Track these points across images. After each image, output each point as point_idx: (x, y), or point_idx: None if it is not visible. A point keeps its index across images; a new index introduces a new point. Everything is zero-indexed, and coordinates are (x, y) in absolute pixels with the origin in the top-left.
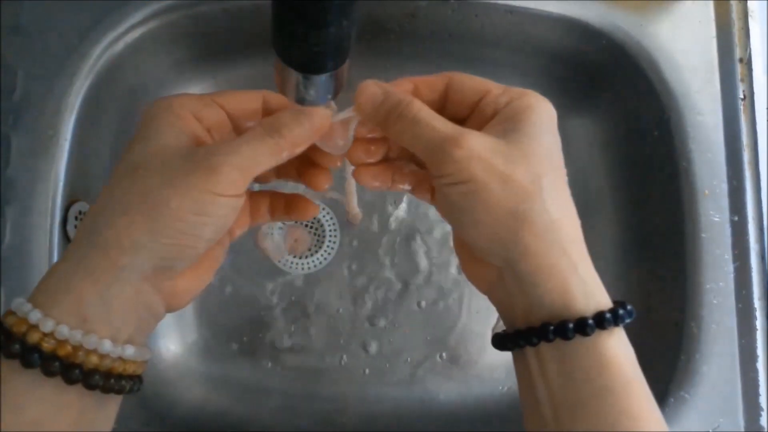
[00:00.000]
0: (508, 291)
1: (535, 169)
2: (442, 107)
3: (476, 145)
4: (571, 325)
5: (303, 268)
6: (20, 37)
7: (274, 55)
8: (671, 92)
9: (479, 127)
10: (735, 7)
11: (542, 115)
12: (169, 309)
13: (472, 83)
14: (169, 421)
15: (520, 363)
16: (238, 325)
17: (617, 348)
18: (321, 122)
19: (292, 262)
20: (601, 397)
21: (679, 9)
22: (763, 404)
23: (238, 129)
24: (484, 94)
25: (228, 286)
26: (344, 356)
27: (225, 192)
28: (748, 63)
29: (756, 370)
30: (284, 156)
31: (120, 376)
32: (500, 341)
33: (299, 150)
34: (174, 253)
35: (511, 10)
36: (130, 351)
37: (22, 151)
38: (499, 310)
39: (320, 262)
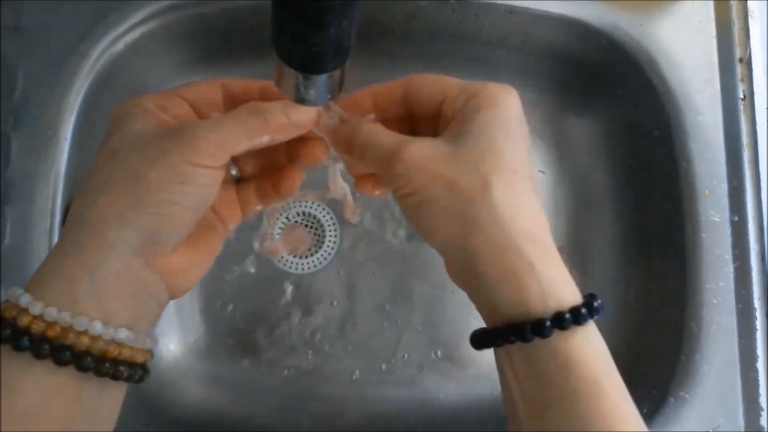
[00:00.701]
0: (473, 291)
1: (483, 170)
2: (408, 114)
3: (418, 154)
4: (528, 327)
5: (303, 268)
6: (20, 37)
7: (274, 54)
8: (671, 92)
9: (440, 127)
10: (735, 7)
11: (497, 112)
12: (172, 293)
13: (429, 87)
14: (169, 421)
15: (497, 362)
16: (239, 325)
17: (583, 347)
18: (305, 121)
19: (292, 262)
20: (568, 400)
21: (679, 9)
22: (763, 404)
23: (202, 117)
24: (444, 97)
25: (228, 286)
26: (344, 356)
27: (202, 162)
28: (748, 63)
29: (756, 370)
30: (263, 140)
31: (116, 361)
32: (474, 340)
33: (279, 139)
34: (160, 224)
35: (511, 10)
36: (123, 334)
37: (22, 151)
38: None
39: (320, 262)
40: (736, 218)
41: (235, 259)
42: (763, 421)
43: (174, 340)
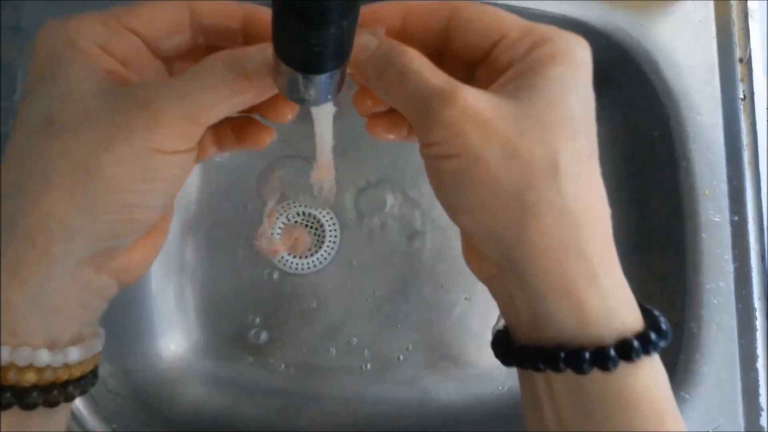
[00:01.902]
0: (510, 294)
1: (552, 142)
2: (442, 51)
3: (475, 104)
4: (587, 355)
5: (303, 268)
6: (20, 37)
7: (273, 54)
8: (671, 92)
9: (489, 82)
10: (735, 7)
11: (571, 67)
12: (123, 285)
13: (483, 21)
14: (169, 421)
15: (524, 380)
16: (239, 325)
17: (648, 381)
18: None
19: (292, 262)
20: None
21: (679, 9)
22: (763, 404)
23: (159, 52)
24: (499, 37)
25: (228, 287)
26: (345, 356)
27: (174, 148)
28: (748, 63)
29: (756, 370)
30: (247, 100)
31: (67, 383)
32: (500, 348)
33: (266, 96)
34: (117, 231)
35: (511, 11)
36: (74, 355)
37: None
38: (500, 306)
39: (320, 262)
40: (736, 218)
41: (235, 259)
42: (763, 421)
43: (174, 340)
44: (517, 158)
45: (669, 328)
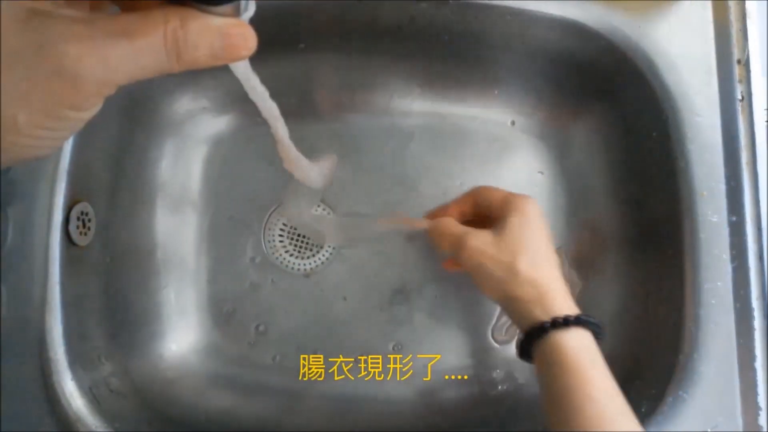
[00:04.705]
0: (508, 310)
1: (513, 252)
2: (473, 210)
3: (474, 243)
4: (534, 330)
5: (303, 268)
6: None
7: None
8: (669, 93)
9: (495, 222)
10: (733, 8)
11: (522, 216)
12: None
13: (486, 197)
14: (170, 421)
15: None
16: (239, 325)
17: (571, 340)
18: (244, 43)
19: (292, 262)
20: (558, 375)
21: (677, 10)
22: (762, 403)
23: None
24: (491, 203)
25: (229, 286)
26: (345, 356)
27: (88, 107)
28: (746, 64)
29: (754, 370)
30: (177, 68)
31: None
32: (521, 348)
33: (199, 67)
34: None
35: (511, 12)
36: None
37: None
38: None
39: (321, 262)
40: (734, 219)
41: (236, 259)
42: (761, 421)
43: (174, 341)
44: (497, 262)
45: (584, 319)
